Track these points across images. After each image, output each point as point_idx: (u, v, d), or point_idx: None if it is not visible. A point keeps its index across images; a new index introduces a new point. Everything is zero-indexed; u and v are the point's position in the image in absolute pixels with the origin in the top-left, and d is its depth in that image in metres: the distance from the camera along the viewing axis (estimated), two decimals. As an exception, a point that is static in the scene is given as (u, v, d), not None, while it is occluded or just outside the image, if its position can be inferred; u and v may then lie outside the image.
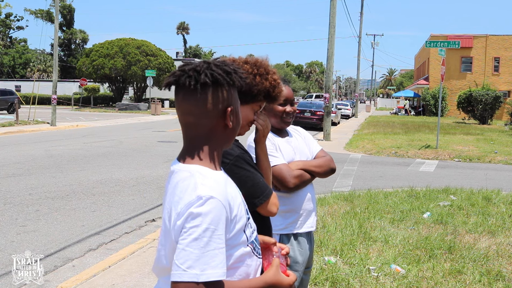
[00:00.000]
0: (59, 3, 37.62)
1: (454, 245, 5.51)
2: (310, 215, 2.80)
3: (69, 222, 6.74)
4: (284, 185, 2.63)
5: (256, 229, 1.70)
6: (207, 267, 1.39)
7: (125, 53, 46.24)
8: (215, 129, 1.58)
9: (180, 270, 1.39)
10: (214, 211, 1.43)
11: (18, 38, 77.75)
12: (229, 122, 1.57)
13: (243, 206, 1.59)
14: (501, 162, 14.38)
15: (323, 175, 2.80)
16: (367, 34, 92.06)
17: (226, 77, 1.55)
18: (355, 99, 52.70)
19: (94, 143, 16.51)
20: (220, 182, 1.52)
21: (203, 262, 1.39)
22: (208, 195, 1.44)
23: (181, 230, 1.43)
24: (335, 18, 20.55)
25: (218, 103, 1.55)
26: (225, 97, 1.56)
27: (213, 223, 1.42)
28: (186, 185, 1.48)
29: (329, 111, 20.76)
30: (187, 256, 1.39)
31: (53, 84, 24.64)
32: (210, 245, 1.40)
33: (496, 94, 34.13)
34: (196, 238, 1.40)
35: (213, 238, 1.41)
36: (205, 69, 1.54)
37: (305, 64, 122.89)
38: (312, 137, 3.00)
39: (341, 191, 8.99)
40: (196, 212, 1.41)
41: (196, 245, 1.39)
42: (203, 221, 1.41)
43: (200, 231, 1.40)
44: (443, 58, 17.44)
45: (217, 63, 1.58)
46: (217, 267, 1.41)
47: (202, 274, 1.38)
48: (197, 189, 1.45)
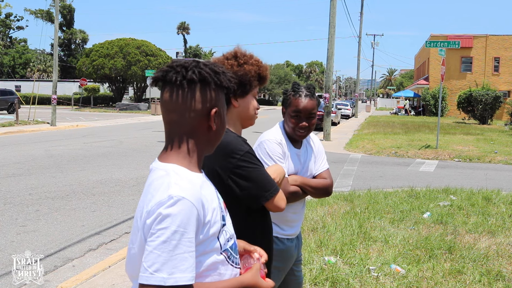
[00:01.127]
0: (59, 3, 37.61)
1: (454, 245, 5.51)
2: (298, 224, 2.78)
3: (69, 222, 6.74)
4: None
5: (234, 237, 1.64)
6: (175, 271, 1.35)
7: (125, 53, 46.25)
8: (198, 129, 1.54)
9: (147, 273, 1.35)
10: (184, 213, 1.38)
11: (18, 38, 77.82)
12: (212, 123, 1.54)
13: (219, 211, 1.54)
14: (501, 162, 14.38)
15: (316, 197, 2.79)
16: (367, 34, 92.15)
17: (214, 77, 1.53)
18: (355, 99, 52.69)
19: (94, 143, 16.51)
20: (196, 183, 1.48)
21: (171, 265, 1.35)
22: (179, 196, 1.39)
23: (149, 231, 1.38)
24: (335, 18, 20.55)
25: (203, 102, 1.52)
26: (212, 97, 1.53)
27: (183, 225, 1.37)
28: (160, 184, 1.45)
29: (329, 111, 20.76)
30: (155, 259, 1.35)
31: (53, 84, 24.64)
32: (179, 248, 1.36)
33: (496, 94, 34.13)
34: (165, 241, 1.35)
35: (182, 241, 1.36)
36: (193, 66, 1.52)
37: (305, 64, 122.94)
38: (324, 154, 2.91)
39: (341, 191, 8.99)
40: (165, 213, 1.37)
41: (165, 248, 1.35)
42: (172, 223, 1.36)
43: (168, 234, 1.35)
44: (443, 58, 17.44)
45: (206, 62, 1.57)
46: (186, 271, 1.37)
47: (170, 278, 1.34)
48: (170, 189, 1.41)
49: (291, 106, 2.67)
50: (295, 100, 2.66)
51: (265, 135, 2.69)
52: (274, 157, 2.59)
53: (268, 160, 2.59)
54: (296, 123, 2.65)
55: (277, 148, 2.61)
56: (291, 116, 2.65)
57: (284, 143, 2.66)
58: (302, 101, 2.66)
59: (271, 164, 2.56)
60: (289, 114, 2.66)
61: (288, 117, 2.68)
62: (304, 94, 2.68)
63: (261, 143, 2.66)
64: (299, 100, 2.66)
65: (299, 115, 2.65)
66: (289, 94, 2.71)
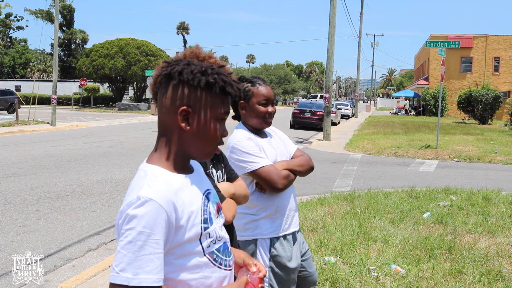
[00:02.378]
0: (59, 3, 37.61)
1: (454, 245, 5.51)
2: (294, 214, 2.82)
3: (69, 222, 6.74)
4: (273, 186, 2.62)
5: (223, 239, 1.62)
6: (140, 272, 1.35)
7: (125, 53, 46.25)
8: (173, 129, 1.52)
9: (114, 272, 1.37)
10: (151, 214, 1.37)
11: (18, 38, 77.82)
12: (180, 122, 1.49)
13: (199, 214, 1.51)
14: (501, 162, 14.38)
15: (304, 174, 2.80)
16: (367, 34, 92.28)
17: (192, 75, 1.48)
18: (354, 99, 52.68)
19: (94, 143, 16.51)
20: (172, 185, 1.46)
21: (136, 266, 1.35)
22: (147, 197, 1.39)
23: (119, 231, 1.40)
24: (335, 18, 20.55)
25: (175, 99, 1.50)
26: (184, 94, 1.49)
27: (148, 226, 1.37)
28: (135, 185, 1.46)
29: (329, 111, 20.76)
30: (121, 258, 1.37)
31: (53, 84, 24.64)
32: (145, 249, 1.36)
33: (496, 94, 34.12)
34: (130, 241, 1.36)
35: (148, 242, 1.36)
36: (175, 64, 1.51)
37: (305, 64, 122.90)
38: (287, 137, 2.99)
39: (341, 191, 8.99)
40: (131, 214, 1.38)
41: (130, 248, 1.36)
42: (138, 224, 1.36)
43: (134, 234, 1.36)
44: (443, 58, 17.43)
45: (197, 63, 1.52)
46: (151, 273, 1.36)
47: (134, 278, 1.35)
48: (140, 190, 1.41)
49: (256, 96, 2.70)
50: (259, 90, 2.71)
51: (232, 140, 2.70)
52: (253, 152, 2.62)
53: (248, 157, 2.60)
54: (265, 110, 2.71)
55: (250, 144, 2.65)
56: (259, 105, 2.69)
57: (253, 137, 2.70)
58: (265, 88, 2.73)
59: (253, 160, 2.59)
60: (256, 104, 2.70)
61: (254, 108, 2.70)
62: (263, 82, 2.76)
63: (232, 148, 2.66)
64: (262, 89, 2.72)
65: (267, 102, 2.72)
66: (246, 87, 2.72)
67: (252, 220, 2.69)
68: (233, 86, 1.53)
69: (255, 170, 2.60)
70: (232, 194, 2.22)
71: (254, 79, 2.76)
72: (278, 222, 2.70)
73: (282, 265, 2.67)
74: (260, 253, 2.68)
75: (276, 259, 2.67)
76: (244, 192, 2.32)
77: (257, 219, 2.68)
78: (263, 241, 2.68)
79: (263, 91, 2.72)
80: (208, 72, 1.49)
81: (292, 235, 2.79)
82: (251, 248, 2.68)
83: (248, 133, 2.72)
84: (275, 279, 2.67)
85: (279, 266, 2.67)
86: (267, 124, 2.76)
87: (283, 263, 2.67)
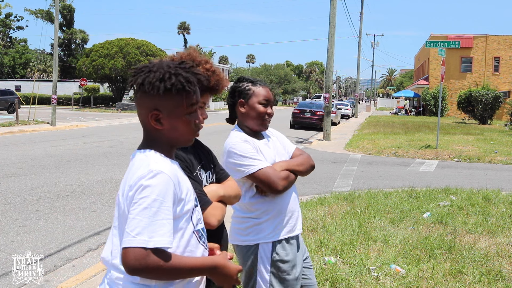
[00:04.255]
0: (59, 3, 37.61)
1: (454, 245, 5.51)
2: (298, 216, 2.77)
3: (69, 222, 6.74)
4: (273, 189, 2.56)
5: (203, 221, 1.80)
6: (155, 235, 1.49)
7: (125, 53, 46.25)
8: (151, 128, 1.70)
9: (130, 236, 1.49)
10: (163, 184, 1.55)
11: (18, 38, 77.79)
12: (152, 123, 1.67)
13: (192, 192, 1.71)
14: (501, 162, 14.38)
15: (304, 173, 2.76)
16: (367, 34, 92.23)
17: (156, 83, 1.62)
18: (354, 99, 52.66)
19: (94, 143, 16.51)
20: (171, 165, 1.66)
21: (151, 230, 1.49)
22: (158, 170, 1.57)
23: (131, 201, 1.54)
24: (335, 18, 20.55)
25: (144, 105, 1.67)
26: (150, 101, 1.65)
27: (161, 194, 1.53)
28: (140, 164, 1.62)
29: (329, 111, 20.76)
30: (137, 223, 1.49)
31: (53, 84, 24.64)
32: (159, 215, 1.51)
33: (496, 94, 34.11)
34: (146, 208, 1.51)
35: (161, 208, 1.52)
36: (138, 72, 1.67)
37: (305, 64, 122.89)
38: (285, 136, 2.95)
39: (341, 191, 8.99)
40: (146, 184, 1.54)
41: (146, 214, 1.50)
42: (152, 192, 1.52)
43: (149, 201, 1.51)
44: (443, 58, 17.43)
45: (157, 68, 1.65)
46: (165, 235, 1.51)
47: (150, 241, 1.48)
48: (150, 165, 1.59)
49: (257, 96, 2.68)
50: (260, 89, 2.70)
51: (228, 143, 2.65)
52: (249, 155, 2.57)
53: (245, 160, 2.55)
54: (264, 110, 2.69)
55: (247, 146, 2.60)
56: (260, 104, 2.67)
57: (249, 139, 2.65)
58: (265, 90, 2.72)
59: (250, 163, 2.54)
60: (257, 103, 2.67)
61: (254, 108, 2.66)
62: (264, 84, 2.75)
63: (228, 152, 2.62)
64: (262, 89, 2.71)
65: (268, 103, 2.71)
66: (247, 86, 2.70)
67: (254, 224, 2.63)
68: (191, 82, 1.66)
69: (253, 173, 2.54)
70: (221, 197, 2.17)
71: (255, 80, 2.75)
72: (281, 225, 2.65)
73: (283, 270, 2.61)
74: (261, 258, 2.61)
75: (278, 264, 2.61)
76: (235, 192, 2.28)
77: (259, 223, 2.62)
78: (265, 245, 2.62)
79: (264, 91, 2.70)
80: (165, 78, 1.63)
81: (296, 239, 2.74)
82: (253, 253, 2.62)
83: (244, 135, 2.66)
84: (277, 284, 2.61)
85: (281, 271, 2.61)
86: (265, 127, 2.72)
87: (285, 268, 2.61)
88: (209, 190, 2.15)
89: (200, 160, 2.24)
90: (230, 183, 2.31)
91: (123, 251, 1.49)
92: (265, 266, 2.61)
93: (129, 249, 1.48)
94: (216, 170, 2.32)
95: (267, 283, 2.60)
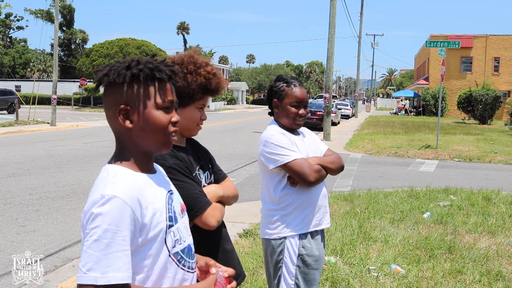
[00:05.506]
0: (59, 3, 37.62)
1: (454, 245, 5.51)
2: (326, 211, 2.83)
3: (69, 222, 6.74)
4: (305, 180, 2.63)
5: (187, 240, 1.61)
6: (108, 270, 1.33)
7: (125, 53, 46.31)
8: (121, 131, 1.52)
9: (81, 272, 1.34)
10: (116, 211, 1.36)
11: (18, 38, 77.78)
12: (123, 123, 1.49)
13: (164, 212, 1.51)
14: (501, 162, 14.38)
15: (335, 172, 2.83)
16: (367, 34, 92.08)
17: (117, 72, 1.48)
18: (354, 99, 52.66)
19: (94, 143, 16.52)
20: (136, 183, 1.46)
21: (104, 264, 1.33)
22: (111, 194, 1.38)
23: (85, 231, 1.38)
24: (335, 18, 20.55)
25: (112, 102, 1.50)
26: (117, 94, 1.49)
27: (114, 223, 1.35)
28: (98, 184, 1.45)
29: (329, 111, 20.75)
30: (88, 258, 1.34)
31: (53, 84, 24.64)
32: (112, 247, 1.34)
33: (496, 94, 34.11)
34: (96, 240, 1.34)
35: (114, 239, 1.35)
36: (101, 69, 1.52)
37: (305, 64, 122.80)
38: (318, 137, 3.03)
39: (341, 191, 8.99)
40: (96, 212, 1.37)
41: (96, 247, 1.34)
42: (103, 222, 1.35)
43: (100, 232, 1.34)
44: (443, 58, 17.43)
45: (122, 61, 1.52)
46: (120, 270, 1.34)
47: (102, 277, 1.33)
48: (105, 188, 1.41)
49: (289, 97, 2.74)
50: (292, 91, 2.75)
51: (265, 134, 2.75)
52: (285, 146, 2.66)
53: (281, 150, 2.64)
54: (296, 112, 2.74)
55: (283, 138, 2.69)
56: (291, 106, 2.73)
57: (286, 132, 2.75)
58: (299, 90, 2.76)
59: (285, 153, 2.62)
60: (288, 105, 2.74)
61: (286, 109, 2.74)
62: (298, 84, 2.79)
63: (265, 142, 2.71)
64: (296, 90, 2.75)
65: (299, 104, 2.75)
66: (281, 87, 2.76)
67: (282, 216, 2.70)
68: (162, 70, 1.49)
69: (287, 163, 2.62)
70: (220, 197, 2.18)
71: (291, 80, 2.79)
72: (307, 218, 2.71)
73: (309, 264, 2.69)
74: (288, 251, 2.69)
75: (304, 258, 2.69)
76: (233, 192, 2.30)
77: (286, 214, 2.69)
78: (291, 239, 2.69)
79: (297, 93, 2.74)
80: (131, 66, 1.48)
81: (321, 234, 2.82)
82: (280, 246, 2.70)
83: (281, 129, 2.76)
84: (302, 278, 2.69)
85: (306, 265, 2.69)
86: (297, 125, 2.79)
87: (310, 262, 2.69)
88: (208, 191, 2.15)
89: (199, 160, 2.24)
90: (228, 183, 2.32)
91: (77, 287, 1.36)
92: (291, 260, 2.68)
93: (81, 286, 1.34)
94: (214, 170, 2.33)
95: (292, 276, 2.68)
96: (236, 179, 10.10)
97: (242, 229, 6.13)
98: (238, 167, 12.08)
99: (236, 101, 73.27)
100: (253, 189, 9.08)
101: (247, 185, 9.58)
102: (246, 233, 5.95)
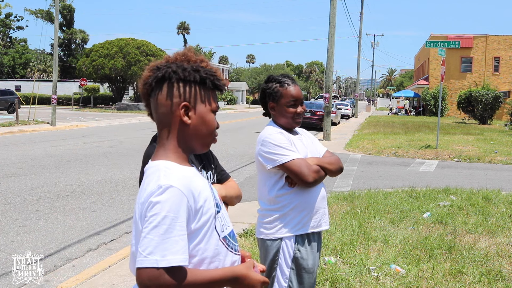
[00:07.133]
0: (59, 3, 37.61)
1: (454, 245, 5.51)
2: (325, 213, 2.80)
3: (69, 222, 6.74)
4: (303, 180, 2.59)
5: (231, 225, 1.73)
6: (167, 253, 1.44)
7: (125, 53, 46.22)
8: (173, 125, 1.63)
9: (142, 256, 1.44)
10: (173, 199, 1.48)
11: (18, 38, 77.69)
12: (183, 118, 1.61)
13: (212, 199, 1.63)
14: (501, 162, 14.38)
15: (334, 173, 2.79)
16: (367, 34, 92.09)
17: (180, 73, 1.61)
18: (354, 99, 52.66)
19: (94, 143, 16.51)
20: (185, 175, 1.58)
21: (163, 248, 1.44)
22: (167, 184, 1.50)
23: (144, 219, 1.49)
24: (335, 18, 20.55)
25: (170, 97, 1.62)
26: (181, 91, 1.62)
27: (172, 210, 1.47)
28: (151, 179, 1.56)
29: (329, 111, 20.75)
30: (148, 243, 1.44)
31: (53, 84, 24.63)
32: (170, 232, 1.45)
33: (496, 94, 34.12)
34: (156, 226, 1.45)
35: (173, 225, 1.46)
36: (164, 66, 1.64)
37: (305, 64, 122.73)
38: (316, 139, 3.01)
39: (341, 191, 8.99)
40: (155, 201, 1.48)
41: (156, 232, 1.45)
42: (162, 209, 1.46)
43: (159, 219, 1.45)
44: (443, 58, 17.43)
45: (179, 63, 1.65)
46: (178, 253, 1.45)
47: (163, 260, 1.43)
48: (159, 180, 1.52)
49: (285, 98, 2.73)
50: (287, 90, 2.73)
51: (263, 133, 2.73)
52: (284, 145, 2.64)
53: (279, 150, 2.62)
54: (294, 111, 2.73)
55: (281, 137, 2.67)
56: (288, 106, 2.72)
57: (284, 132, 2.73)
58: (293, 89, 2.74)
59: (283, 153, 2.60)
60: (285, 105, 2.72)
61: (283, 109, 2.73)
62: (291, 82, 2.77)
63: (263, 141, 2.69)
64: (291, 89, 2.74)
65: (296, 103, 2.74)
66: (275, 88, 2.74)
67: (279, 216, 2.67)
68: (220, 80, 1.67)
69: (285, 163, 2.59)
70: (223, 197, 2.18)
71: (283, 79, 2.76)
72: (304, 220, 2.67)
73: (303, 267, 2.66)
74: (283, 253, 2.66)
75: (299, 261, 2.65)
76: (236, 193, 2.30)
77: (283, 215, 2.66)
78: (287, 240, 2.65)
79: (292, 92, 2.72)
80: (200, 70, 1.63)
81: (318, 237, 2.78)
82: (275, 247, 2.66)
83: (279, 128, 2.75)
84: (296, 281, 2.66)
85: (300, 267, 2.66)
86: (296, 124, 2.78)
87: (304, 265, 2.66)
88: None
89: (201, 160, 2.24)
90: (231, 184, 2.32)
91: (137, 271, 1.46)
92: (286, 261, 2.65)
93: (142, 269, 1.44)
94: (217, 170, 2.33)
95: (286, 278, 2.65)
96: (236, 179, 10.10)
97: (242, 229, 6.13)
98: (238, 167, 12.09)
99: (236, 101, 73.27)
100: (253, 189, 9.08)
101: (247, 185, 9.58)
102: (246, 233, 5.95)
